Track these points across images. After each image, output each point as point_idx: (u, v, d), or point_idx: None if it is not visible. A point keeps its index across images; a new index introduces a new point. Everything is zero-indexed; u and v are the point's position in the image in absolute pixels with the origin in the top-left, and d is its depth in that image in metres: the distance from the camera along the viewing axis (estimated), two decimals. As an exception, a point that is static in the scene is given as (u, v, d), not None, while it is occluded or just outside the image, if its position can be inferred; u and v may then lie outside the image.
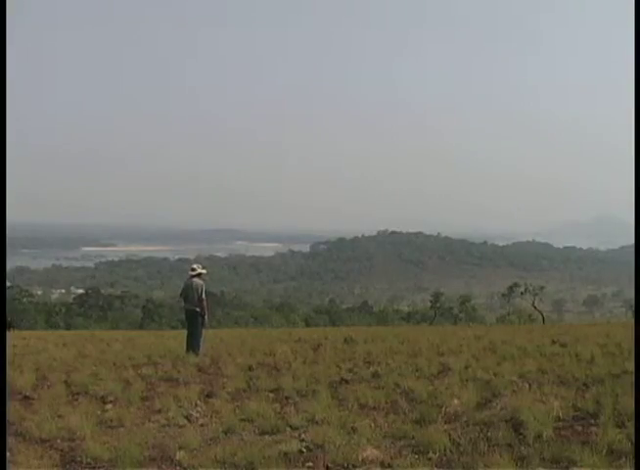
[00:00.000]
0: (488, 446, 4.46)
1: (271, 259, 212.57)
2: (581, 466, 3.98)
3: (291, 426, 5.27)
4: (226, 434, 5.09)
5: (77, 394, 6.93)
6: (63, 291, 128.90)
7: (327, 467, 4.21)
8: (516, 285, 54.50)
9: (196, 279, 10.93)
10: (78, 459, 4.46)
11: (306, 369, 8.47)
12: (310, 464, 4.27)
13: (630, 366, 7.29)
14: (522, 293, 51.54)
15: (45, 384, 7.57)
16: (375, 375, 7.88)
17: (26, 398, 6.68)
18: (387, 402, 6.15)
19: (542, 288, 51.93)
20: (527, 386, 6.73)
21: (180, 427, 5.38)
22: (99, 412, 5.90)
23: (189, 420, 5.59)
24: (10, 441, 4.74)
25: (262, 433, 5.12)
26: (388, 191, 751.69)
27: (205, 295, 10.90)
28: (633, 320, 16.93)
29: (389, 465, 4.20)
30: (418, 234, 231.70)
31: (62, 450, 4.70)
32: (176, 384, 7.53)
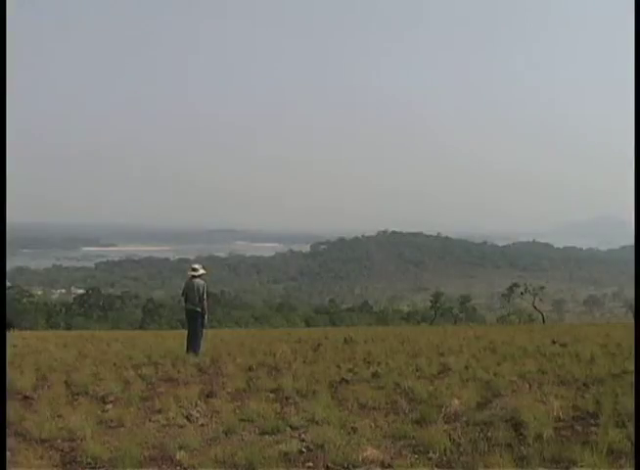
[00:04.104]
0: (488, 446, 4.46)
1: (271, 260, 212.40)
2: (581, 466, 3.98)
3: (291, 426, 5.27)
4: (226, 434, 5.09)
5: (77, 394, 6.92)
6: (63, 291, 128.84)
7: (327, 467, 4.21)
8: (516, 285, 54.43)
9: (197, 279, 10.93)
10: (79, 459, 4.46)
11: (306, 369, 8.47)
12: (310, 464, 4.27)
13: (630, 366, 7.30)
14: (522, 293, 51.47)
15: (45, 384, 7.56)
16: (375, 375, 7.88)
17: (27, 398, 6.68)
18: (387, 402, 6.15)
19: (542, 288, 51.84)
20: (528, 386, 6.74)
21: (180, 427, 5.38)
22: (99, 412, 5.90)
23: (189, 420, 5.59)
24: (10, 441, 4.74)
25: (262, 433, 5.12)
26: (388, 191, 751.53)
27: (207, 295, 10.91)
28: (633, 320, 16.93)
29: (390, 465, 4.20)
30: (418, 234, 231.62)
31: (62, 450, 4.70)
32: (176, 384, 7.53)
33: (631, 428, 4.48)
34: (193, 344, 10.73)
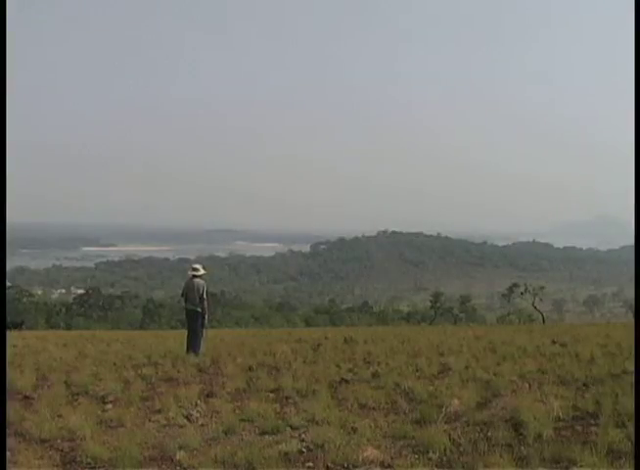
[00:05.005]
0: (488, 446, 4.46)
1: (271, 260, 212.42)
2: (581, 466, 3.98)
3: (291, 426, 5.27)
4: (226, 434, 5.09)
5: (77, 394, 6.93)
6: (63, 291, 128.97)
7: (327, 467, 4.21)
8: (516, 285, 54.45)
9: (197, 279, 10.94)
10: (78, 459, 4.46)
11: (306, 369, 8.47)
12: (310, 464, 4.27)
13: (630, 366, 7.30)
14: (522, 293, 51.44)
15: (45, 384, 7.58)
16: (375, 375, 7.88)
17: (27, 398, 6.69)
18: (387, 402, 6.15)
19: (542, 288, 51.78)
20: (527, 386, 6.74)
21: (180, 427, 5.38)
22: (99, 412, 5.90)
23: (189, 420, 5.59)
24: (10, 441, 4.74)
25: (262, 433, 5.12)
26: (389, 191, 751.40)
27: (207, 295, 10.92)
28: (633, 320, 16.94)
29: (390, 465, 4.20)
30: (418, 234, 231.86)
31: (62, 450, 4.70)
32: (176, 384, 7.53)
33: (631, 428, 4.48)
34: (193, 344, 10.73)
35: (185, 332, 11.73)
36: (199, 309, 10.76)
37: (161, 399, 6.39)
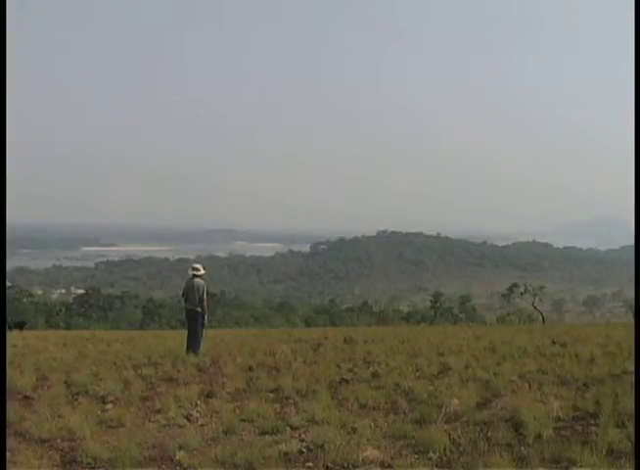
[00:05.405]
0: (488, 445, 4.46)
1: (271, 260, 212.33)
2: (581, 466, 3.98)
3: (291, 426, 5.27)
4: (226, 434, 5.09)
5: (77, 394, 6.93)
6: (63, 291, 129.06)
7: (327, 467, 4.21)
8: (516, 285, 54.52)
9: (197, 279, 10.94)
10: (78, 459, 4.46)
11: (306, 369, 8.48)
12: (310, 464, 4.27)
13: (630, 366, 7.30)
14: (521, 293, 51.44)
15: (45, 384, 7.58)
16: (375, 375, 7.89)
17: (27, 397, 6.69)
18: (387, 402, 6.15)
19: (542, 288, 51.78)
20: (527, 386, 6.75)
21: (180, 427, 5.38)
22: (99, 412, 5.90)
23: (189, 420, 5.59)
24: (10, 441, 4.74)
25: (262, 433, 5.12)
26: (389, 191, 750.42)
27: (207, 295, 10.93)
28: (633, 320, 16.95)
29: (389, 465, 4.20)
30: (418, 234, 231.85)
31: (62, 450, 4.70)
32: (176, 384, 7.53)
33: (631, 428, 4.48)
34: (193, 344, 10.74)
35: (185, 332, 11.74)
36: (199, 309, 10.76)
37: (161, 399, 6.39)
